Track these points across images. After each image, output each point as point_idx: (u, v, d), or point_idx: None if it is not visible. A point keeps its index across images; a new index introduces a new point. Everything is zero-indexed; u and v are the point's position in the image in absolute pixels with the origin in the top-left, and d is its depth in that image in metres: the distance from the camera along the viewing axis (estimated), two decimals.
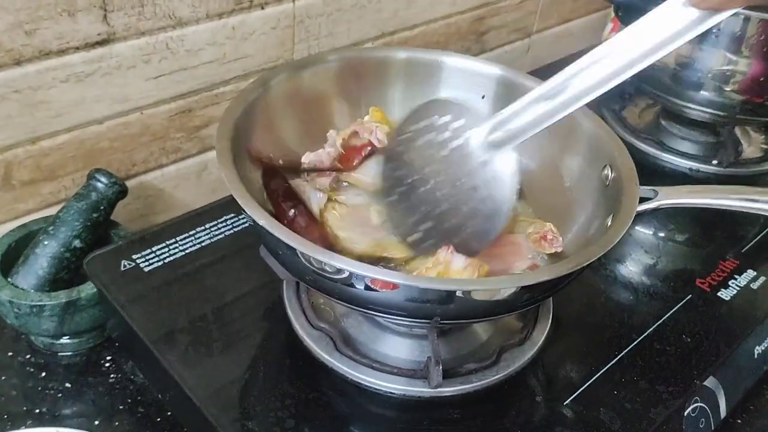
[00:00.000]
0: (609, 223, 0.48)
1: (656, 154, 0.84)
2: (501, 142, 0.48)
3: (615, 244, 0.45)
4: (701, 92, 0.77)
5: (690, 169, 0.82)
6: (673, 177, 0.81)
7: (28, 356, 0.62)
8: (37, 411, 0.57)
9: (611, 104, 0.90)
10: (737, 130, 0.86)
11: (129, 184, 0.68)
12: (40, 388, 0.59)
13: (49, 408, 0.58)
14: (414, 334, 0.54)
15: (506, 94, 0.61)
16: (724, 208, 0.50)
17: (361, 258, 0.49)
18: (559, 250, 0.52)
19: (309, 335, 0.54)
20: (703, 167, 0.82)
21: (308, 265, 0.44)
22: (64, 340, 0.62)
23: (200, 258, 0.61)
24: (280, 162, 0.55)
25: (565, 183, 0.57)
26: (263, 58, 0.75)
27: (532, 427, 0.50)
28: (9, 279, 0.60)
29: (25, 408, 0.57)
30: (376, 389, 0.51)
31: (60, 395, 0.59)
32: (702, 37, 0.74)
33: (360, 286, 0.43)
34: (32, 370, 0.61)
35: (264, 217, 0.43)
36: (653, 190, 0.51)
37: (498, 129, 0.48)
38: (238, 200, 0.44)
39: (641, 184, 0.51)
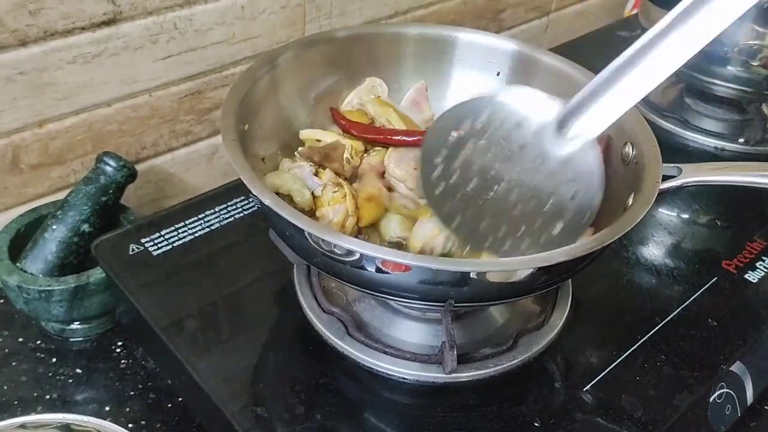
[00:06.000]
0: (630, 202, 0.46)
1: (680, 133, 0.81)
2: (578, 134, 0.45)
3: (636, 223, 0.43)
4: (727, 68, 0.74)
5: (716, 148, 0.79)
6: (698, 156, 0.78)
7: (38, 342, 0.61)
8: (48, 397, 0.57)
9: None
10: (764, 107, 0.83)
11: (139, 167, 0.67)
12: (50, 374, 0.59)
13: (60, 394, 0.57)
14: (428, 319, 0.53)
15: (523, 70, 0.59)
16: (750, 185, 0.48)
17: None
18: None
19: (320, 319, 0.53)
20: (729, 146, 0.79)
21: (317, 246, 0.43)
22: (75, 325, 0.61)
23: (210, 242, 0.60)
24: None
25: None
26: (273, 39, 0.73)
27: (551, 413, 0.49)
28: (18, 264, 0.59)
29: (35, 394, 0.57)
30: (388, 375, 0.50)
31: (71, 381, 0.58)
32: None
33: (371, 269, 0.42)
34: (43, 355, 0.60)
35: (270, 196, 0.42)
36: (677, 167, 0.49)
37: (570, 120, 0.45)
38: (243, 179, 0.43)
39: (664, 163, 0.49)
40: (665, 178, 0.48)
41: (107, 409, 0.56)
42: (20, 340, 0.61)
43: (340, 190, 0.50)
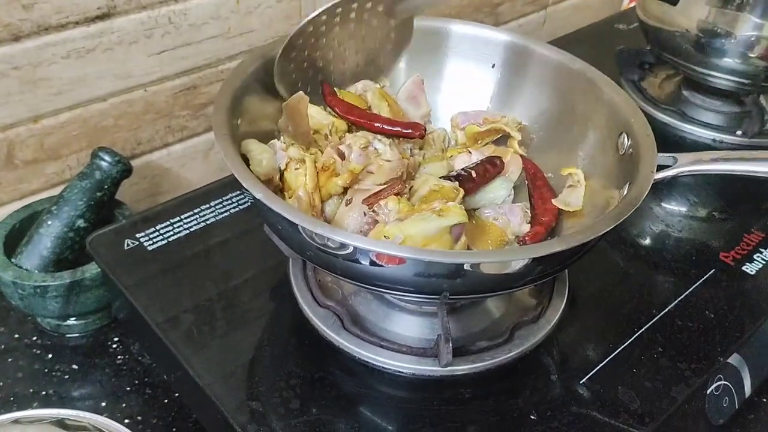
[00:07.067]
0: (625, 192, 0.46)
1: (678, 126, 0.81)
2: None
3: (631, 213, 0.43)
4: (725, 59, 0.74)
5: (713, 140, 0.79)
6: (696, 149, 0.77)
7: (34, 338, 0.61)
8: (44, 393, 0.57)
9: (630, 75, 0.87)
10: (762, 99, 0.83)
11: (135, 163, 0.66)
12: (46, 370, 0.59)
13: (56, 390, 0.57)
14: (424, 312, 0.53)
15: (517, 62, 0.59)
16: (746, 174, 0.48)
17: None
18: None
19: (315, 314, 0.52)
20: (727, 138, 0.79)
21: (310, 240, 0.42)
22: (71, 321, 0.61)
23: (205, 236, 0.60)
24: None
25: (579, 152, 0.55)
26: (269, 33, 0.73)
27: (547, 406, 0.49)
28: (13, 260, 0.59)
29: (31, 390, 0.57)
30: (384, 368, 0.50)
31: (67, 377, 0.58)
32: (726, 0, 0.71)
33: (365, 262, 0.42)
34: (39, 351, 0.60)
35: (262, 191, 0.42)
36: (672, 157, 0.49)
37: None
38: (235, 174, 0.43)
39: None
40: (660, 168, 0.48)
41: (103, 404, 0.56)
42: (16, 336, 0.61)
43: (301, 166, 0.50)
